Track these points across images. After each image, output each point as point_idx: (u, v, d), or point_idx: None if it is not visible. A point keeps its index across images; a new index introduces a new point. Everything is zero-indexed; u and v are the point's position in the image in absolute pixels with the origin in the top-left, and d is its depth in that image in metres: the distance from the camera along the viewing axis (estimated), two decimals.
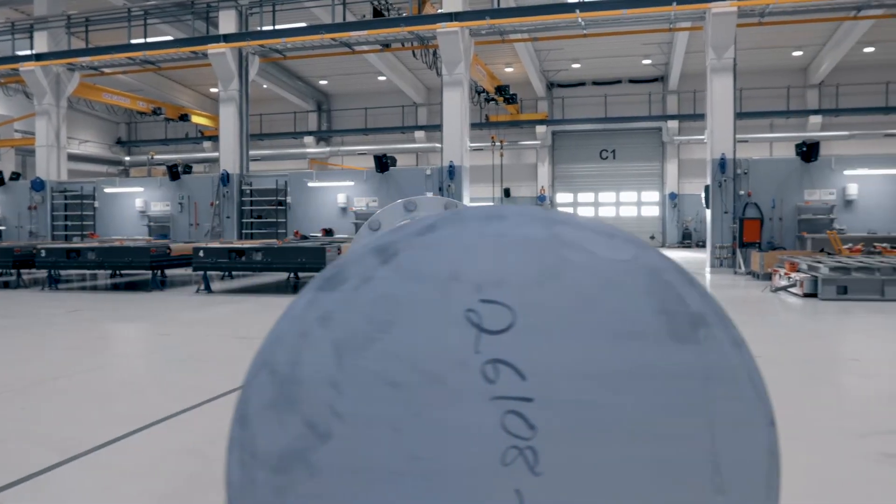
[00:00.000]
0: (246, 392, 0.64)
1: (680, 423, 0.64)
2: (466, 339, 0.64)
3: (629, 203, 29.93)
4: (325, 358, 0.63)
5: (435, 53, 18.24)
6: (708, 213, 15.94)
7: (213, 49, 18.27)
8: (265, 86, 27.26)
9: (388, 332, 0.64)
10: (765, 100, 27.15)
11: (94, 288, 12.76)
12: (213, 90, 29.07)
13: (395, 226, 3.05)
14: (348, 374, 0.63)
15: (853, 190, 15.77)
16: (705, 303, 0.65)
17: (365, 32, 17.42)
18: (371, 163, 18.39)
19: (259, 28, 18.89)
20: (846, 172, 15.96)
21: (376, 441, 0.63)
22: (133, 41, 19.56)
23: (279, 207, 18.77)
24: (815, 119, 26.43)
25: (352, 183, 18.49)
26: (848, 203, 15.77)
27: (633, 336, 0.64)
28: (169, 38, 20.51)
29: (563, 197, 30.45)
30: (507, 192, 29.24)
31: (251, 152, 21.05)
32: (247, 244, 12.03)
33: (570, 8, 16.11)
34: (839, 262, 10.46)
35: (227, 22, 18.56)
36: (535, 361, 0.63)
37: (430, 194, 16.04)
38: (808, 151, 15.83)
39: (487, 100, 24.19)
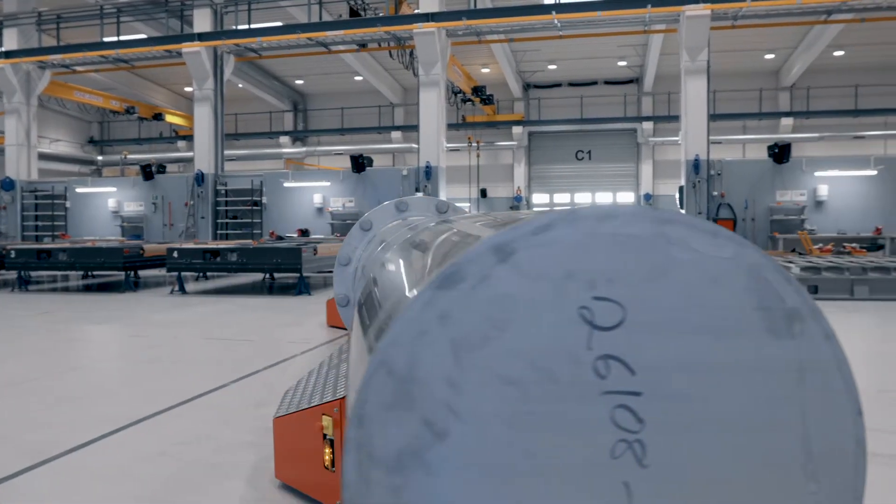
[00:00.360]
0: (363, 393, 0.65)
1: (776, 414, 0.68)
2: (580, 335, 0.66)
3: (605, 204, 30.12)
4: (443, 356, 0.64)
5: (411, 54, 18.24)
6: (682, 213, 16.07)
7: (187, 48, 18.10)
8: (240, 85, 27.05)
9: (504, 329, 0.66)
10: (738, 102, 27.48)
11: (66, 289, 12.58)
12: (188, 89, 28.80)
13: (387, 226, 3.06)
14: (465, 372, 0.65)
15: (823, 191, 16.03)
16: (800, 298, 0.69)
17: (341, 32, 17.37)
18: (347, 163, 18.34)
19: (234, 27, 18.75)
20: (817, 174, 16.21)
21: (492, 438, 0.65)
22: (106, 39, 19.32)
23: (254, 208, 18.65)
24: (787, 121, 26.81)
25: (328, 183, 18.41)
26: (818, 204, 16.02)
27: (734, 332, 0.67)
28: (142, 36, 20.28)
29: (539, 198, 30.57)
30: (483, 193, 29.31)
31: (226, 152, 20.88)
32: (222, 245, 11.94)
33: (546, 9, 16.19)
34: (810, 262, 10.63)
35: (202, 20, 18.41)
36: (644, 356, 0.66)
37: (419, 194, 16.04)
38: (780, 153, 16.06)
39: (464, 100, 24.23)
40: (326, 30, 17.46)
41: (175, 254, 11.17)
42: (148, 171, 19.57)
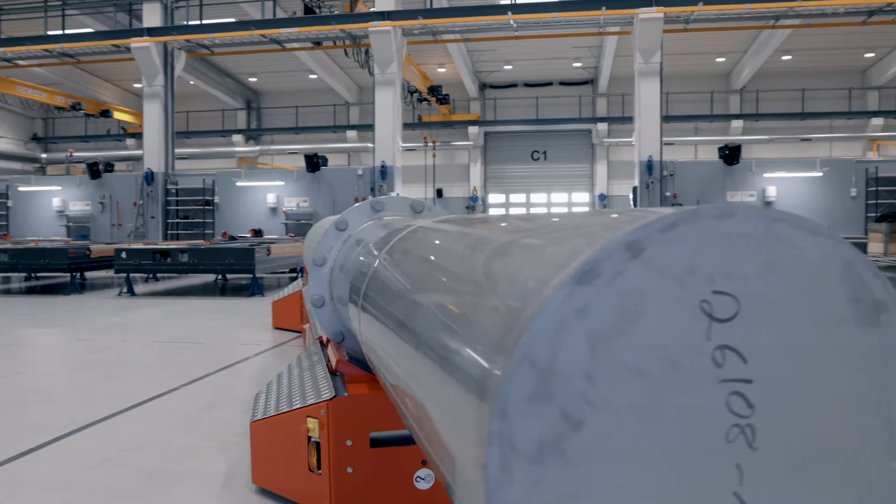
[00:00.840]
0: (506, 387, 0.68)
1: (865, 397, 0.75)
2: (700, 327, 0.71)
3: (560, 203, 30.39)
4: (580, 349, 0.68)
5: (367, 52, 18.11)
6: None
7: (136, 43, 17.65)
8: (192, 82, 26.52)
9: (635, 322, 0.70)
10: (690, 104, 27.99)
11: (7, 292, 12.15)
12: (137, 85, 28.05)
13: (362, 225, 3.01)
14: (600, 364, 0.69)
15: (772, 192, 16.40)
16: (886, 290, 0.76)
17: (296, 29, 17.15)
18: (302, 162, 18.12)
19: (185, 22, 18.36)
20: (766, 175, 16.59)
21: (622, 426, 0.69)
22: (50, 32, 18.73)
23: (206, 207, 18.28)
24: (737, 123, 27.40)
25: (282, 183, 18.16)
26: (767, 204, 16.37)
27: (832, 322, 0.74)
28: (89, 30, 19.73)
29: (495, 198, 30.69)
30: (439, 193, 29.28)
31: (177, 150, 20.43)
32: (172, 245, 11.67)
33: (502, 10, 16.23)
34: None
35: (152, 15, 17.97)
36: (754, 346, 0.72)
37: (395, 193, 15.93)
38: (730, 155, 16.38)
39: (420, 100, 24.17)
40: (280, 27, 17.22)
41: (123, 254, 10.87)
42: (95, 170, 19.03)
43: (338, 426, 2.58)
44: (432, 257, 1.36)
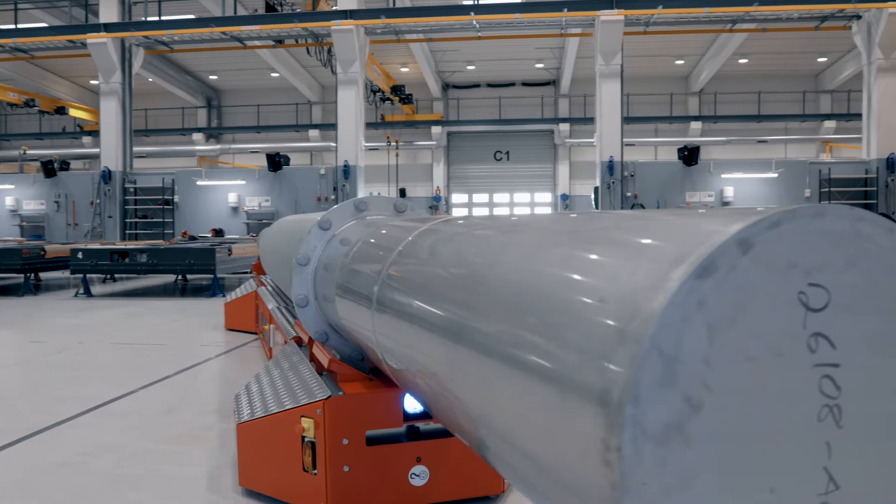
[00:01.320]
0: (637, 373, 0.74)
1: None
2: (798, 316, 0.79)
3: (523, 203, 30.56)
4: (700, 338, 0.74)
5: (329, 51, 18.00)
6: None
7: (92, 39, 17.28)
8: (151, 79, 26.05)
9: (745, 312, 0.76)
10: (650, 105, 28.36)
11: None
12: (94, 82, 27.48)
13: (346, 225, 3.01)
14: (716, 351, 0.75)
15: (730, 192, 16.71)
16: None
17: (257, 27, 16.97)
18: (263, 161, 17.94)
19: (143, 18, 18.05)
20: (723, 176, 16.90)
21: (734, 409, 0.76)
22: (2, 27, 18.24)
23: (166, 207, 17.99)
24: (696, 125, 27.84)
25: (243, 182, 17.96)
26: (725, 205, 16.68)
27: None
28: (43, 25, 19.28)
29: (458, 198, 30.74)
30: (402, 192, 29.23)
31: (136, 149, 20.07)
32: (130, 245, 11.47)
33: (465, 10, 16.27)
34: None
35: (109, 10, 17.61)
36: (841, 333, 0.80)
37: (376, 192, 15.85)
38: (689, 155, 16.65)
39: (383, 99, 24.09)
40: (241, 24, 17.03)
41: (80, 255, 10.65)
42: (50, 168, 18.58)
43: (334, 425, 2.60)
44: (495, 253, 1.34)
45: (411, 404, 2.67)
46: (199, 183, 18.00)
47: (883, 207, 16.08)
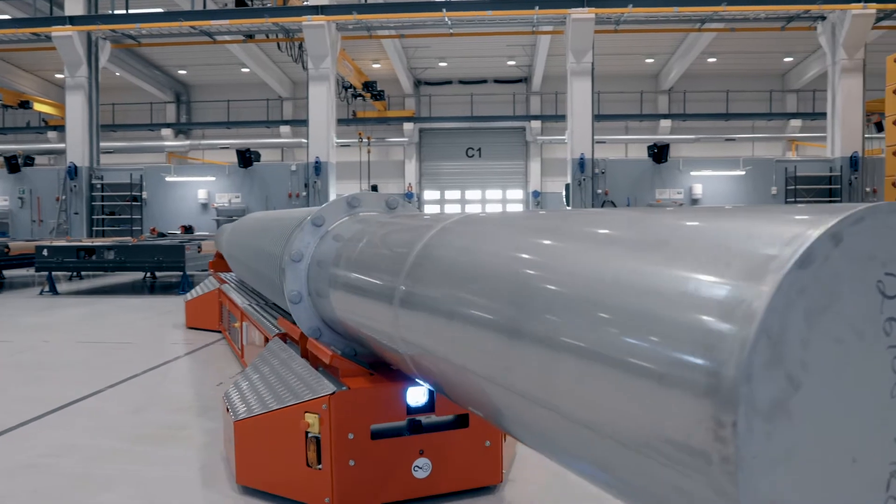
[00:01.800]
0: (749, 355, 0.81)
1: None
2: (876, 302, 0.87)
3: (495, 200, 30.65)
4: (800, 322, 0.82)
5: (301, 46, 17.87)
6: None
7: (57, 32, 16.96)
8: (118, 73, 25.66)
9: (836, 299, 0.84)
10: (621, 103, 28.59)
11: None
12: (60, 76, 27.00)
13: (339, 221, 3.03)
14: (812, 334, 0.83)
15: (698, 190, 16.93)
16: None
17: (227, 22, 16.80)
18: (234, 157, 17.76)
19: (111, 11, 17.75)
20: (692, 173, 17.10)
21: (824, 386, 0.84)
22: None
23: (134, 203, 17.74)
24: (666, 123, 28.15)
25: (213, 178, 17.77)
26: (694, 201, 16.90)
27: None
28: (6, 16, 18.86)
29: (430, 194, 30.73)
30: (374, 189, 29.15)
31: (103, 144, 19.76)
32: (98, 242, 11.29)
33: (437, 6, 16.25)
34: None
35: (74, 3, 17.30)
36: None
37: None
38: (659, 153, 16.83)
39: (355, 95, 23.98)
40: (211, 19, 16.83)
41: (45, 252, 10.46)
42: (13, 163, 18.21)
43: (340, 420, 2.63)
44: (564, 248, 1.36)
45: (414, 398, 2.73)
46: (168, 179, 17.77)
47: None
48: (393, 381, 2.74)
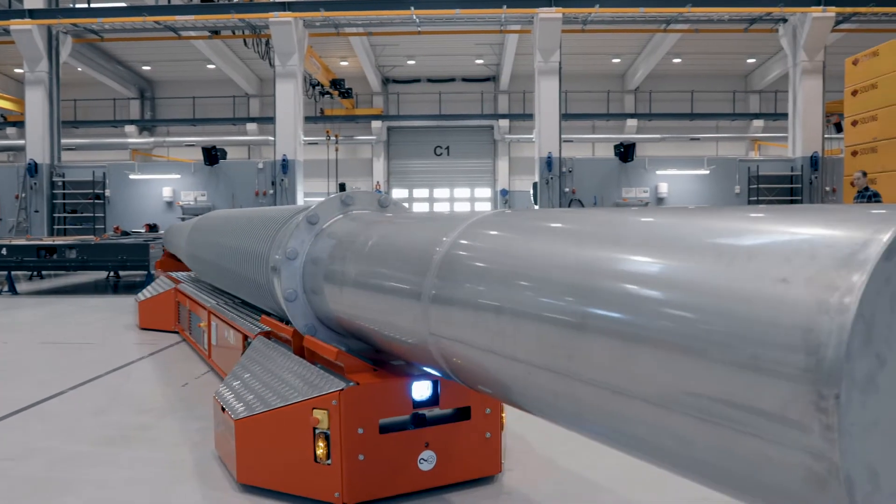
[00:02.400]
0: (850, 335, 0.92)
1: None
2: None
3: (463, 199, 30.70)
4: (885, 307, 0.93)
5: (268, 43, 17.70)
6: (536, 209, 16.64)
7: (16, 25, 16.58)
8: (80, 69, 25.16)
9: None
10: (588, 103, 28.80)
11: None
12: (18, 70, 26.40)
13: (333, 219, 3.04)
14: (892, 316, 0.95)
15: (664, 189, 17.13)
16: None
17: (192, 17, 16.57)
18: (199, 155, 17.54)
19: (72, 5, 17.41)
20: (658, 172, 17.30)
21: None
22: None
23: (97, 201, 17.42)
24: (632, 122, 28.44)
25: (178, 176, 17.53)
26: (660, 200, 17.11)
27: None
28: None
29: (398, 193, 30.67)
30: (342, 187, 28.99)
31: (64, 141, 19.34)
32: (59, 241, 11.09)
33: (405, 4, 16.21)
34: None
35: None
36: None
37: (361, 187, 15.63)
38: (626, 152, 17.00)
39: (322, 93, 23.84)
40: (175, 14, 16.59)
41: (3, 251, 10.24)
42: None
43: (349, 415, 2.68)
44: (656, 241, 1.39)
45: (419, 392, 2.79)
46: (131, 177, 17.49)
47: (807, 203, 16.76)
48: (398, 376, 2.80)
